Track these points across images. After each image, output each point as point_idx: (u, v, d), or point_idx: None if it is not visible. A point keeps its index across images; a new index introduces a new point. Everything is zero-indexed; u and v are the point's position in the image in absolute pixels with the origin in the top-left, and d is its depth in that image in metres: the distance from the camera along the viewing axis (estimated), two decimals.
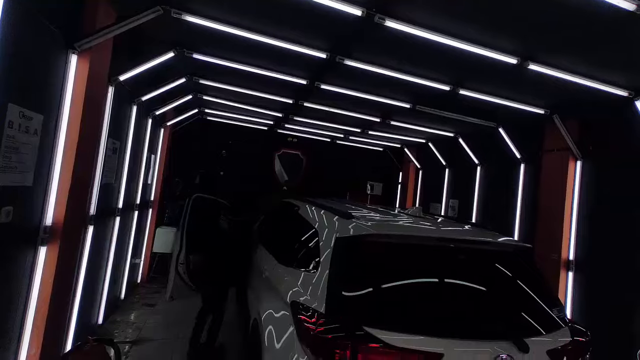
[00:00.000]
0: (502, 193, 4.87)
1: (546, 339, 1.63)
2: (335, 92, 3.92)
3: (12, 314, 2.02)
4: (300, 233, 2.31)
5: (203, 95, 4.74)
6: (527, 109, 3.73)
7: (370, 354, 1.38)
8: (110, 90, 2.95)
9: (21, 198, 1.97)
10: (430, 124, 5.14)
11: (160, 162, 5.40)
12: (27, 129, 1.90)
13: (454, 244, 1.79)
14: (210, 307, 3.28)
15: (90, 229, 2.94)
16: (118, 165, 3.55)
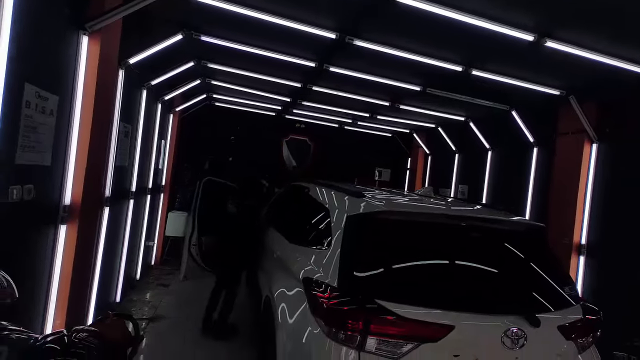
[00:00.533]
0: (513, 178, 4.80)
1: (557, 315, 1.64)
2: (344, 75, 3.87)
3: (37, 288, 2.12)
4: (311, 213, 2.34)
5: (211, 80, 4.73)
6: (542, 90, 3.63)
7: (382, 324, 1.41)
8: (121, 73, 2.97)
9: (41, 177, 2.03)
10: (441, 108, 5.05)
11: (170, 148, 5.47)
12: (43, 109, 1.94)
13: (466, 221, 1.79)
14: (222, 287, 3.36)
15: (106, 210, 3.02)
16: (130, 149, 3.61)
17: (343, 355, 1.44)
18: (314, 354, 1.52)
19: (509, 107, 4.44)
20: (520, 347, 1.49)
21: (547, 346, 1.59)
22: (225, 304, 3.34)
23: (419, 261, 1.67)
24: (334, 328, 1.46)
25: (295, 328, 1.74)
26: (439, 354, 1.45)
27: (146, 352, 3.09)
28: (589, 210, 3.80)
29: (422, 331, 1.42)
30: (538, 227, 1.92)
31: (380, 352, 1.42)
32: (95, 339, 1.17)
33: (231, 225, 3.35)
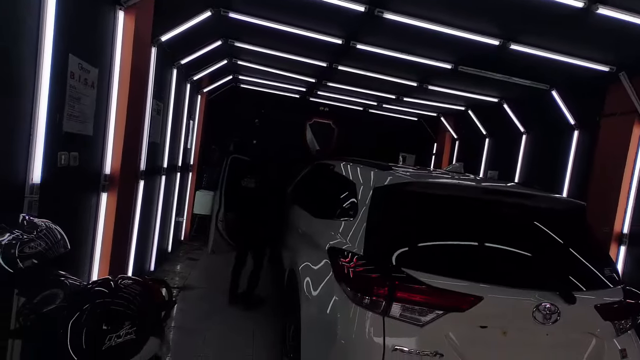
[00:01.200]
0: (549, 163, 4.52)
1: (595, 294, 1.56)
2: (371, 53, 3.76)
3: (84, 246, 2.31)
4: (336, 188, 2.34)
5: (237, 60, 4.77)
6: (588, 67, 3.34)
7: (407, 291, 1.41)
8: (153, 51, 3.06)
9: (84, 146, 2.17)
10: (472, 88, 4.80)
11: (198, 129, 5.64)
12: (85, 81, 2.05)
13: (499, 195, 1.72)
14: (244, 262, 3.50)
15: (141, 183, 3.19)
16: (162, 127, 3.76)
17: (367, 320, 1.46)
18: (339, 319, 1.55)
19: (548, 87, 4.14)
20: (553, 323, 1.44)
21: (582, 324, 1.53)
22: (252, 277, 3.46)
23: (447, 233, 1.63)
24: (359, 293, 1.48)
25: (320, 296, 1.78)
26: (465, 324, 1.43)
27: (178, 317, 3.30)
28: (634, 197, 3.53)
29: (449, 300, 1.41)
30: (578, 205, 1.81)
31: (404, 318, 1.42)
32: (138, 286, 1.27)
33: (254, 202, 3.43)
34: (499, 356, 1.46)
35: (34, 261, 1.28)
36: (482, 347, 1.45)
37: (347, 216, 1.91)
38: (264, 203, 3.43)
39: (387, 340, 1.41)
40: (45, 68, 1.65)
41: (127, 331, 1.10)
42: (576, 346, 1.54)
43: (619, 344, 1.57)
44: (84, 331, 1.06)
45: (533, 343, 1.49)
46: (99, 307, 1.11)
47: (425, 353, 1.39)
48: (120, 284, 1.21)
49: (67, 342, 1.06)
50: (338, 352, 1.50)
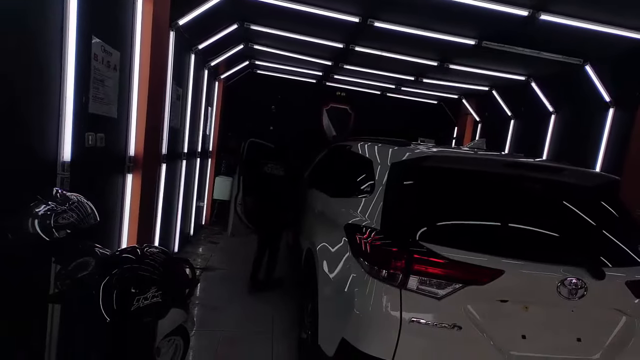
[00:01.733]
0: (580, 144, 4.27)
1: (627, 271, 1.48)
2: (389, 31, 3.63)
3: (112, 223, 2.44)
4: (353, 167, 2.33)
5: (254, 45, 4.76)
6: (628, 36, 3.07)
7: (425, 264, 1.40)
8: (172, 35, 3.10)
9: (109, 128, 2.26)
10: (497, 66, 4.56)
11: (216, 115, 5.73)
12: (108, 63, 2.12)
13: (522, 169, 1.65)
14: (265, 245, 3.55)
15: (163, 167, 3.30)
16: (181, 112, 3.84)
17: (385, 293, 1.46)
18: (356, 293, 1.56)
19: (582, 61, 3.87)
20: (580, 298, 1.38)
21: (611, 301, 1.46)
22: (270, 260, 3.54)
23: (466, 207, 1.59)
24: (376, 267, 1.48)
25: (337, 272, 1.80)
26: (484, 297, 1.41)
27: (201, 296, 3.44)
28: None
29: (467, 273, 1.38)
30: (611, 179, 1.70)
31: (422, 291, 1.41)
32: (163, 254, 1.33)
33: (273, 186, 3.46)
34: (521, 331, 1.42)
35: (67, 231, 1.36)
36: (503, 321, 1.42)
37: (364, 193, 1.90)
38: (283, 187, 3.45)
39: (404, 312, 1.41)
40: (71, 49, 1.72)
41: (154, 294, 1.17)
42: (604, 323, 1.48)
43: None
44: (114, 293, 1.13)
45: (557, 319, 1.45)
46: (127, 272, 1.17)
47: (443, 325, 1.38)
48: (146, 251, 1.27)
49: (99, 303, 1.14)
50: (355, 324, 1.52)
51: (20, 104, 1.50)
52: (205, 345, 2.57)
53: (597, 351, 1.45)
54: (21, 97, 1.50)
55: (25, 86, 1.52)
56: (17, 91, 1.48)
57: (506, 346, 1.40)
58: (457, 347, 1.39)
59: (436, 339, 1.39)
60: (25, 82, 1.51)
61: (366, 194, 1.86)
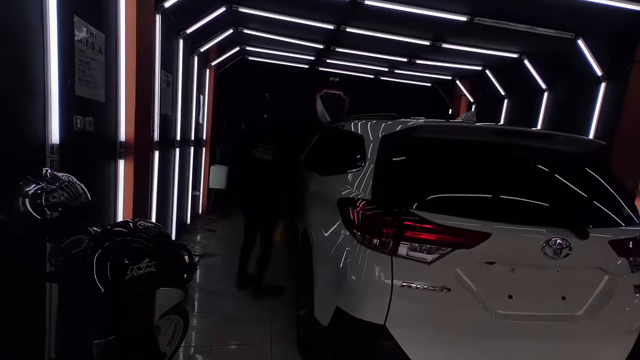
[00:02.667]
0: (572, 120, 4.29)
1: (610, 231, 1.52)
2: (380, 9, 3.58)
3: (105, 210, 2.44)
4: (345, 145, 2.34)
5: (243, 29, 4.67)
6: (620, 6, 3.05)
7: (414, 230, 1.42)
8: (158, 18, 3.04)
9: (98, 112, 2.24)
10: (490, 44, 4.53)
11: (208, 104, 5.67)
12: (92, 45, 2.08)
13: (510, 136, 1.66)
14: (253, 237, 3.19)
15: (156, 154, 3.29)
16: (172, 99, 3.80)
17: (376, 260, 1.49)
18: (349, 264, 1.59)
19: (574, 35, 3.85)
20: (564, 257, 1.42)
21: (594, 259, 1.51)
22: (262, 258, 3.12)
23: (455, 175, 1.61)
24: (367, 235, 1.51)
25: (331, 245, 1.82)
26: (472, 260, 1.44)
27: (200, 281, 3.49)
28: None
29: (455, 237, 1.41)
30: (597, 145, 1.73)
31: (412, 257, 1.45)
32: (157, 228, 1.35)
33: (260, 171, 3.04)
34: (508, 291, 1.47)
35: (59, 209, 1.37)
36: (490, 282, 1.46)
37: (356, 168, 1.91)
38: (272, 173, 3.03)
39: (395, 278, 1.45)
40: (52, 29, 1.68)
41: (147, 264, 1.19)
42: (587, 282, 1.53)
43: (633, 280, 1.54)
44: (107, 264, 1.15)
45: (543, 279, 1.49)
46: (120, 244, 1.19)
47: (433, 288, 1.42)
48: (139, 225, 1.29)
49: (93, 275, 1.15)
50: (348, 293, 1.56)
51: (2, 85, 1.48)
52: (205, 326, 2.63)
53: (581, 308, 1.50)
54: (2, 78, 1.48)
55: (6, 67, 1.49)
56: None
57: (493, 306, 1.44)
58: (446, 308, 1.43)
59: (426, 301, 1.43)
60: (5, 62, 1.49)
61: (358, 168, 1.88)
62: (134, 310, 1.33)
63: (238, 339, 2.48)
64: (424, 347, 1.47)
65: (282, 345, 2.43)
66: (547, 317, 1.47)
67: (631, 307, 1.56)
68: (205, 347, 2.37)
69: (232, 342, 2.44)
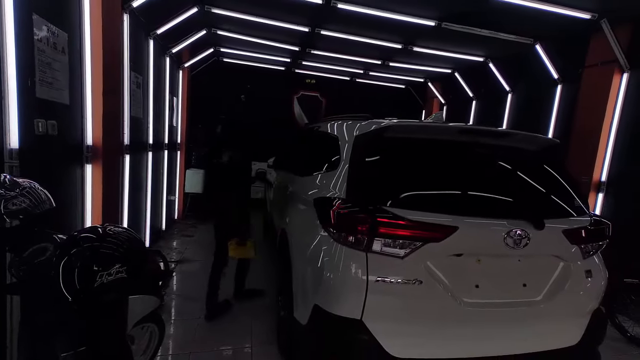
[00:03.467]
0: (533, 119, 4.59)
1: (564, 221, 1.66)
2: (353, 12, 3.66)
3: (72, 219, 2.33)
4: (321, 145, 2.37)
5: (217, 30, 4.61)
6: (571, 15, 3.31)
7: (387, 227, 1.48)
8: (126, 18, 2.95)
9: (62, 115, 2.14)
10: (457, 48, 4.75)
11: (183, 106, 5.54)
12: (55, 45, 1.99)
13: (476, 135, 1.77)
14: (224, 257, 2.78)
15: (127, 158, 3.17)
16: (143, 101, 3.68)
17: (352, 257, 1.53)
18: (326, 262, 1.62)
19: (532, 41, 4.12)
20: (524, 247, 1.53)
21: (550, 247, 1.63)
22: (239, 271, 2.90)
23: (424, 173, 1.69)
24: (343, 233, 1.55)
25: (308, 244, 1.85)
26: (442, 253, 1.52)
27: (178, 287, 3.39)
28: (612, 145, 3.64)
29: (425, 232, 1.48)
30: (552, 142, 1.87)
31: (386, 252, 1.50)
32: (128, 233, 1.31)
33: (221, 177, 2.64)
34: (475, 281, 1.56)
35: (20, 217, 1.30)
36: (459, 273, 1.54)
37: (331, 168, 1.95)
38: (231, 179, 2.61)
39: (370, 274, 1.50)
40: (9, 27, 1.60)
41: (118, 270, 1.15)
42: (545, 269, 1.65)
43: (585, 266, 1.69)
44: (75, 271, 1.10)
45: (506, 268, 1.60)
46: (87, 251, 1.15)
47: (406, 281, 1.48)
48: (108, 230, 1.25)
49: (59, 283, 1.11)
50: (325, 290, 1.59)
51: None
52: (183, 333, 2.56)
53: (540, 294, 1.62)
54: None
55: None
56: None
57: (461, 295, 1.53)
58: (418, 299, 1.50)
59: (399, 294, 1.49)
60: None
61: (333, 168, 1.92)
62: (105, 319, 1.28)
63: (217, 345, 2.44)
64: (399, 339, 1.53)
65: (262, 348, 2.42)
66: (510, 303, 1.58)
67: (584, 291, 1.71)
68: (183, 354, 2.32)
69: (211, 348, 2.40)
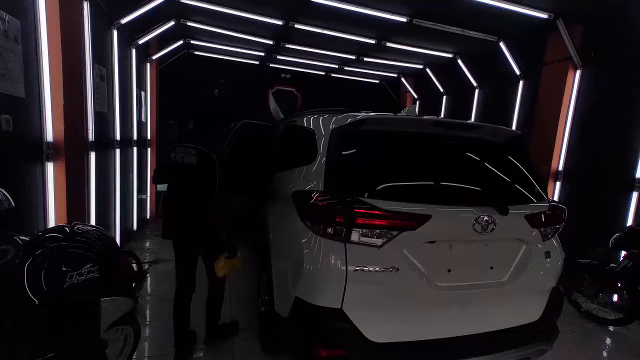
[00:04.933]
0: (499, 114, 4.86)
1: (525, 207, 1.79)
2: (327, 7, 3.67)
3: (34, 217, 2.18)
4: (298, 139, 2.37)
5: (187, 21, 4.43)
6: (530, 14, 3.53)
7: (364, 217, 1.52)
8: (86, 5, 2.76)
9: (17, 109, 1.98)
10: (429, 44, 4.91)
11: (152, 101, 5.29)
12: (5, 33, 1.83)
13: (447, 128, 1.85)
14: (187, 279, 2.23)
15: (92, 155, 3.00)
16: (108, 95, 3.48)
17: (331, 248, 1.56)
18: (305, 254, 1.64)
19: (497, 38, 4.35)
20: (490, 232, 1.64)
21: (513, 231, 1.76)
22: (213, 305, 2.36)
23: (399, 164, 1.75)
24: (322, 225, 1.57)
25: (287, 237, 1.86)
26: (416, 241, 1.59)
27: (153, 288, 3.28)
28: (567, 136, 3.94)
29: (401, 221, 1.54)
30: (515, 134, 2.01)
31: (363, 242, 1.55)
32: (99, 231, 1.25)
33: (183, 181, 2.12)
34: (447, 266, 1.65)
35: None
36: (432, 259, 1.62)
37: (309, 162, 1.97)
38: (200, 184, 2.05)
39: (349, 263, 1.54)
40: None
41: (89, 269, 1.10)
42: (510, 252, 1.78)
43: (544, 247, 1.83)
44: (42, 273, 1.04)
45: (475, 252, 1.70)
46: (54, 251, 1.09)
47: (383, 269, 1.54)
48: (76, 229, 1.19)
49: (24, 286, 1.04)
50: (306, 282, 1.61)
51: None
52: (160, 334, 2.49)
53: (505, 275, 1.75)
54: None
55: None
56: None
57: (434, 279, 1.61)
58: (395, 286, 1.56)
59: (377, 282, 1.55)
60: None
61: (311, 162, 1.93)
62: (76, 322, 1.23)
63: (197, 343, 2.40)
64: (378, 325, 1.58)
65: (244, 343, 2.41)
66: (479, 285, 1.69)
67: (544, 271, 1.86)
68: (161, 355, 2.26)
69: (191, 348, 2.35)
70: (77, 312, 1.20)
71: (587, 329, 2.98)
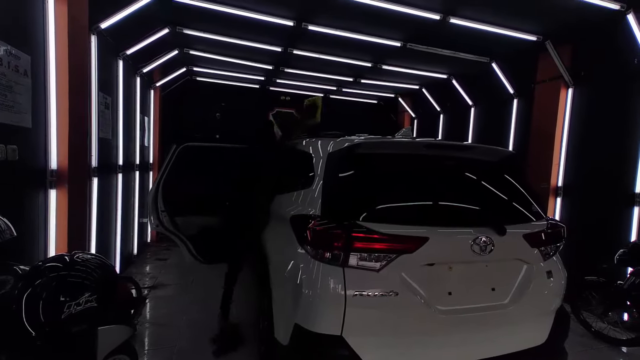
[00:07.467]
0: (495, 131, 4.92)
1: (523, 226, 1.79)
2: (324, 34, 3.84)
3: (35, 244, 2.19)
4: (297, 162, 2.41)
5: (189, 50, 4.62)
6: (520, 37, 3.67)
7: (362, 241, 1.53)
8: (93, 39, 2.90)
9: (23, 139, 2.04)
10: (423, 66, 5.06)
11: (155, 126, 5.42)
12: (16, 68, 1.92)
13: (441, 149, 1.89)
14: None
15: (95, 181, 3.04)
16: (113, 122, 3.58)
17: (329, 273, 1.56)
18: (304, 280, 1.63)
19: (489, 59, 4.49)
20: (489, 253, 1.63)
21: (513, 251, 1.75)
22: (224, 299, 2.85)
23: (395, 186, 1.77)
24: (320, 249, 1.57)
25: (286, 263, 1.85)
26: (415, 263, 1.58)
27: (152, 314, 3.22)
28: (565, 153, 3.97)
29: (399, 244, 1.54)
30: (509, 154, 2.04)
31: (362, 266, 1.54)
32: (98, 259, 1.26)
33: None
34: (447, 288, 1.63)
35: None
36: (431, 282, 1.61)
37: (306, 185, 1.99)
38: None
39: (347, 288, 1.53)
40: None
41: (87, 299, 1.11)
42: (511, 272, 1.76)
43: (546, 267, 1.81)
44: (40, 303, 1.05)
45: (475, 274, 1.69)
46: (54, 280, 1.09)
47: (382, 294, 1.53)
48: (76, 258, 1.20)
49: (22, 318, 1.04)
50: (305, 308, 1.59)
51: None
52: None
53: (507, 297, 1.72)
54: None
55: None
56: None
57: (434, 303, 1.59)
58: (395, 310, 1.54)
59: (377, 307, 1.53)
60: None
61: (308, 186, 1.96)
62: (72, 352, 1.21)
63: None
64: (378, 351, 1.55)
65: None
66: (481, 307, 1.66)
67: (547, 291, 1.83)
68: None
69: None
70: (74, 342, 1.19)
71: (599, 350, 2.87)
